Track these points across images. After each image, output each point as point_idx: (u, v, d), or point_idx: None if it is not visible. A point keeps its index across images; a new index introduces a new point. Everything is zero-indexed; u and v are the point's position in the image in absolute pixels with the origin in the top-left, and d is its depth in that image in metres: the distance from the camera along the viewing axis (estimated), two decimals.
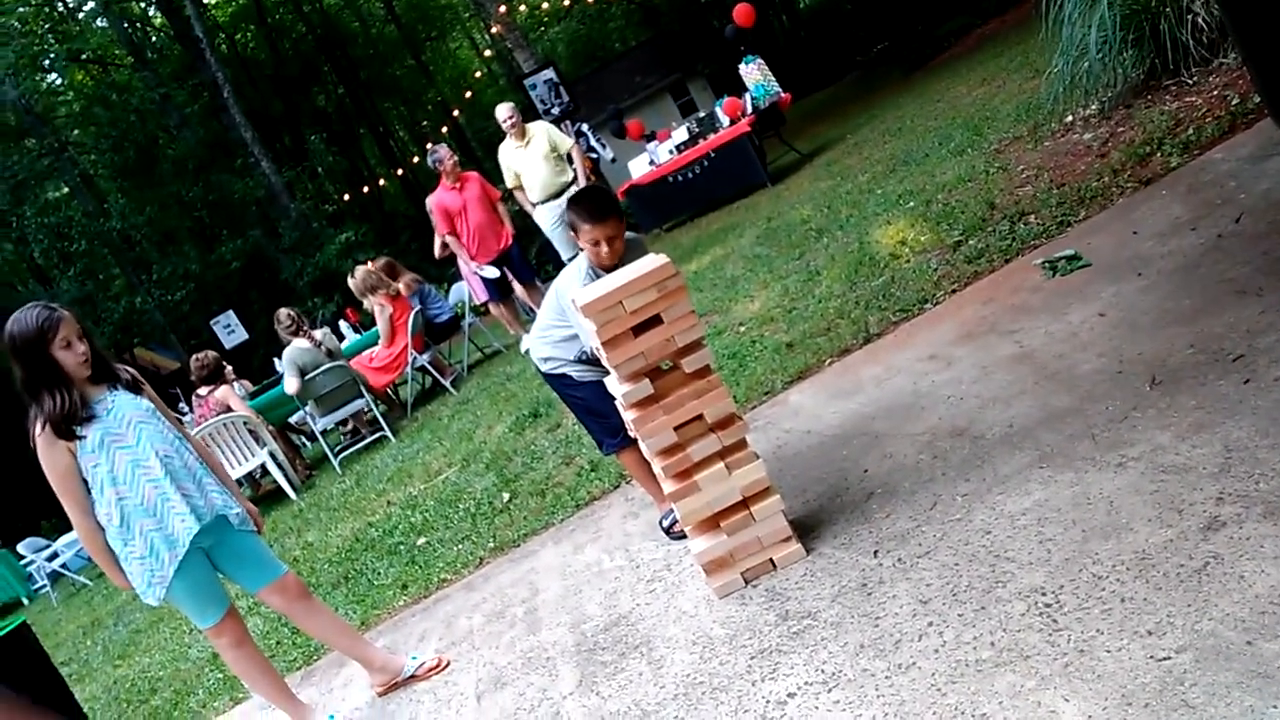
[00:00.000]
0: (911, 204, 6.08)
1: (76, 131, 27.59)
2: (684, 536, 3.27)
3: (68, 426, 3.01)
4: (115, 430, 3.07)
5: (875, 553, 2.71)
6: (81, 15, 28.68)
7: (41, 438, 3.02)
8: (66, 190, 26.09)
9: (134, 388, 3.20)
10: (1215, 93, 4.86)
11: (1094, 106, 5.75)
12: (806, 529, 3.00)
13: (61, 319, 3.02)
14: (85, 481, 3.07)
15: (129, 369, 3.30)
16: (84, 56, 27.75)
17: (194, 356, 8.80)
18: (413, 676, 3.47)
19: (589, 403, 3.41)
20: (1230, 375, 2.65)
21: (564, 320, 3.25)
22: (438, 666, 3.47)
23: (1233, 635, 1.84)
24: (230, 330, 19.23)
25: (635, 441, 3.25)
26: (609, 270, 3.09)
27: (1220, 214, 3.68)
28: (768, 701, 2.33)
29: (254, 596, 3.35)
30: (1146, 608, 2.01)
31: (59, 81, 28.86)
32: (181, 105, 25.91)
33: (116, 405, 3.10)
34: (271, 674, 3.44)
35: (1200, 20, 5.01)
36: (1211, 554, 2.07)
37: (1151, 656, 1.88)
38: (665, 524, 3.48)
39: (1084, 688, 1.89)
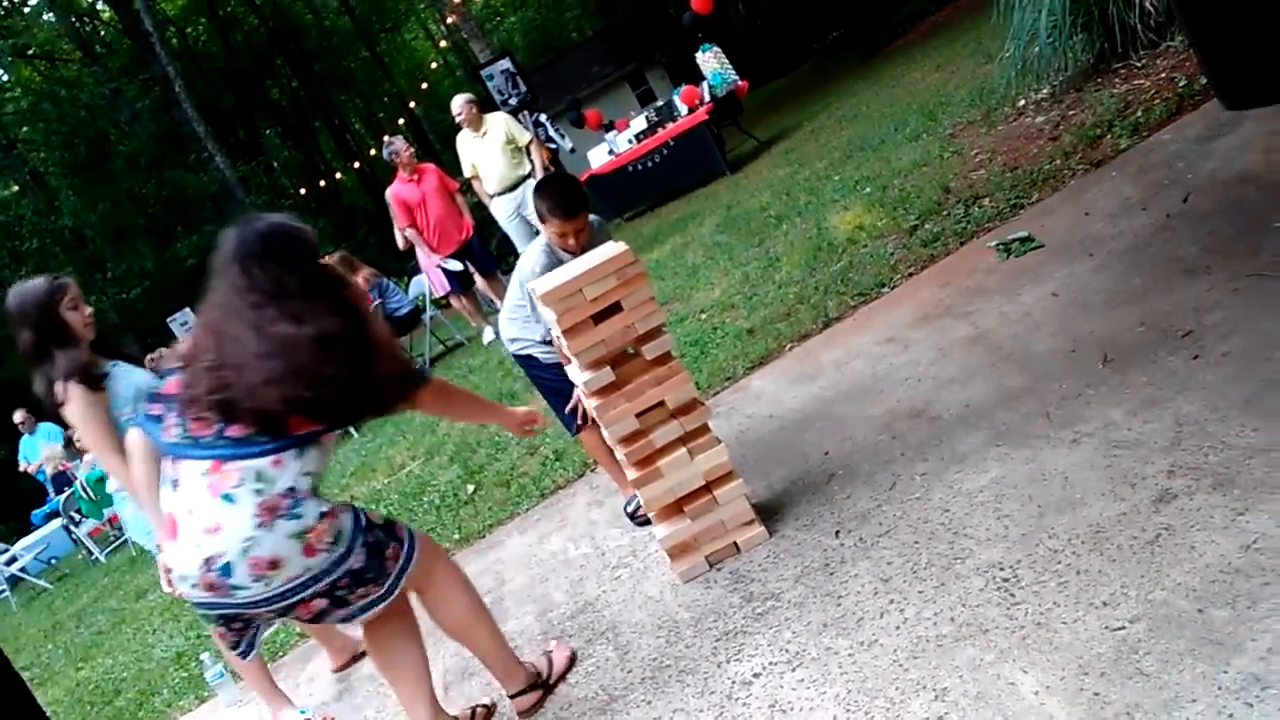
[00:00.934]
0: (868, 189, 6.13)
1: (25, 128, 26.99)
2: (648, 522, 3.29)
3: (91, 377, 3.08)
4: (140, 383, 3.17)
5: (837, 533, 2.74)
6: (27, 10, 28.05)
7: (76, 388, 3.06)
8: (16, 189, 25.58)
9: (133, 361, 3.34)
10: (1163, 75, 4.94)
11: (1045, 90, 5.82)
12: (769, 512, 3.03)
13: (67, 282, 3.16)
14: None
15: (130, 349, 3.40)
16: (30, 52, 27.14)
17: (148, 356, 8.66)
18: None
19: (554, 383, 3.41)
20: (1180, 352, 2.71)
21: (527, 301, 3.25)
22: None
23: (1184, 604, 1.88)
24: (187, 327, 18.95)
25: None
26: (572, 254, 3.11)
27: (1169, 194, 3.74)
28: (733, 682, 2.35)
29: None
30: (1101, 579, 2.05)
31: (5, 78, 28.22)
32: (132, 100, 25.41)
33: (127, 374, 3.21)
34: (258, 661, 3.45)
35: (1148, 4, 5.07)
36: (1163, 526, 2.11)
37: (1106, 627, 1.93)
38: (629, 509, 3.49)
39: (1041, 659, 1.93)
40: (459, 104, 8.53)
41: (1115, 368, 2.80)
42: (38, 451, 11.57)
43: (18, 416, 11.73)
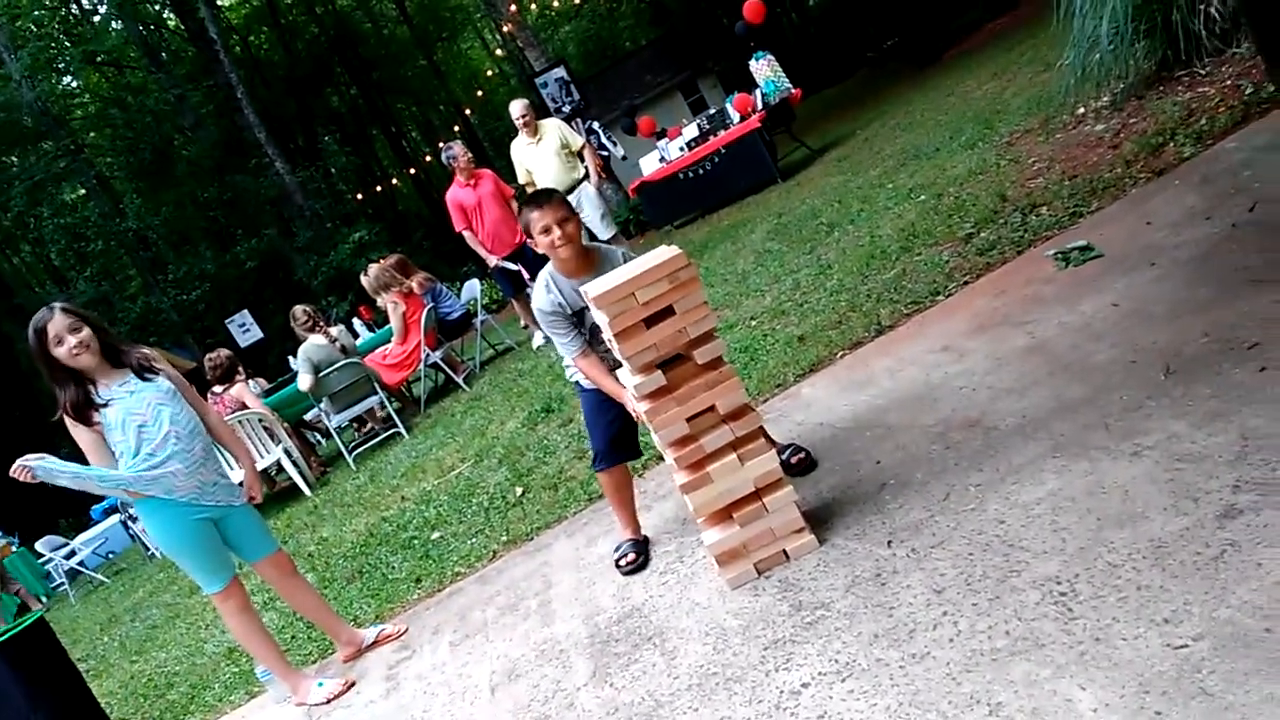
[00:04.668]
0: (923, 197, 6.06)
1: (93, 134, 27.77)
2: (633, 572, 3.32)
3: (79, 413, 3.37)
4: (136, 409, 3.40)
5: (889, 543, 2.71)
6: (97, 18, 28.81)
7: (68, 421, 3.41)
8: (83, 192, 26.31)
9: (143, 373, 3.51)
10: (1229, 82, 4.83)
11: (1106, 98, 5.72)
12: (819, 520, 2.99)
13: (49, 320, 3.38)
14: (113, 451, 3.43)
15: (141, 353, 3.61)
16: (99, 59, 27.88)
17: (207, 356, 8.84)
18: (374, 644, 3.96)
19: (585, 411, 3.47)
20: (1246, 363, 2.63)
21: (554, 331, 3.26)
22: (394, 635, 3.95)
23: (1251, 622, 1.83)
24: (245, 329, 19.31)
25: (614, 465, 3.37)
26: (569, 274, 3.17)
27: (1234, 203, 3.65)
28: (781, 691, 2.33)
29: (251, 566, 3.76)
30: (1163, 595, 2.00)
31: (75, 84, 29.03)
32: (196, 106, 26.05)
33: (140, 387, 3.45)
34: (270, 640, 3.85)
35: (1213, 10, 4.97)
36: (1228, 541, 2.06)
37: (1168, 644, 1.88)
38: (615, 555, 3.43)
39: (1100, 675, 1.88)
40: (521, 107, 8.60)
41: (1178, 379, 2.73)
42: None
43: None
